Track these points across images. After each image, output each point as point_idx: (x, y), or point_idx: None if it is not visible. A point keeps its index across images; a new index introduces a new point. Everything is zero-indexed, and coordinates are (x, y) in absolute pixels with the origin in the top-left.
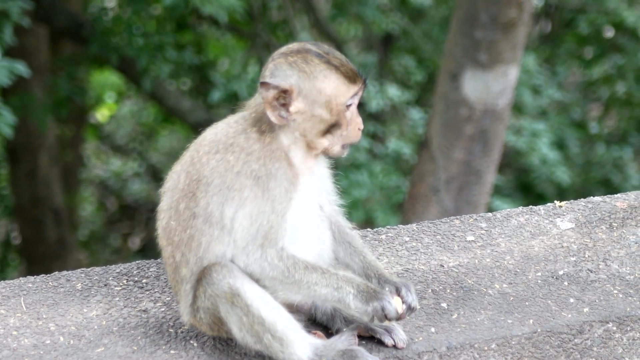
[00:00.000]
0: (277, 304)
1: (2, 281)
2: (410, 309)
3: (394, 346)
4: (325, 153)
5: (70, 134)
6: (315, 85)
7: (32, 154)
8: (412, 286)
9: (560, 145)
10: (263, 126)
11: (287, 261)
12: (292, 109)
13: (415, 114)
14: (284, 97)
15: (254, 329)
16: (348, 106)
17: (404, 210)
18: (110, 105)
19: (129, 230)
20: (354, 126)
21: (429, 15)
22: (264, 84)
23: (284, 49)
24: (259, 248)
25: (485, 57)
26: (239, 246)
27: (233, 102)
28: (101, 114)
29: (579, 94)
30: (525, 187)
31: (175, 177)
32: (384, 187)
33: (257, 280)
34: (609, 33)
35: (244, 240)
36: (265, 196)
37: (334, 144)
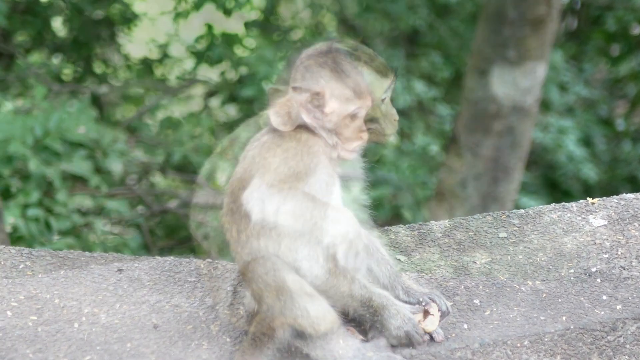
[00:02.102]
0: (322, 299)
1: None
2: (443, 314)
3: (431, 338)
4: (367, 143)
5: None
6: (347, 84)
7: None
8: (440, 295)
9: (586, 142)
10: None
11: (330, 263)
12: (326, 110)
13: (443, 110)
14: (317, 98)
15: (297, 323)
16: (382, 100)
17: (431, 206)
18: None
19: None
20: (390, 118)
21: (455, 12)
22: (296, 88)
23: (311, 50)
24: (306, 245)
25: (513, 53)
26: (285, 243)
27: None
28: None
29: (605, 91)
30: (552, 184)
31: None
32: (410, 183)
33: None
34: (636, 30)
35: (290, 237)
36: (305, 192)
37: (373, 137)
